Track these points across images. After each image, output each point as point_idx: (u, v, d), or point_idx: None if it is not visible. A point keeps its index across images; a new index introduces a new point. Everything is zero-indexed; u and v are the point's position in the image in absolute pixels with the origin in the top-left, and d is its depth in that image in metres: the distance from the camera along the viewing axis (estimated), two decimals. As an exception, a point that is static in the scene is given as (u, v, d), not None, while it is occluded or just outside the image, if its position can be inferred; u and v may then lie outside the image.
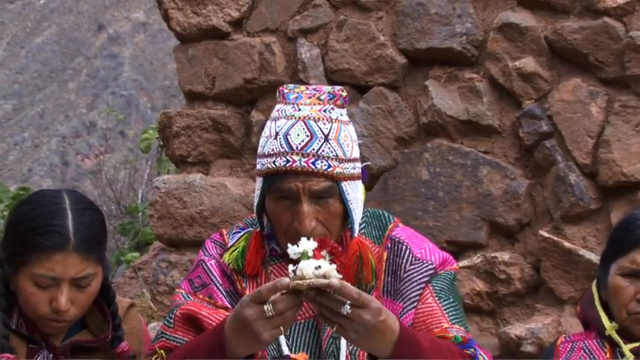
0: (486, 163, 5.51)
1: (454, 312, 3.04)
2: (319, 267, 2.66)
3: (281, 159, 2.93)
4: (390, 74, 5.69)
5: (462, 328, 3.04)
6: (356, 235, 3.01)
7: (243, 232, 3.10)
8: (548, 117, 5.40)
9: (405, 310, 3.02)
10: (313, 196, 2.93)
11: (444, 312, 3.02)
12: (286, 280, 2.68)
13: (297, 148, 2.92)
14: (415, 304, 3.03)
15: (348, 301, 2.66)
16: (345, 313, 2.65)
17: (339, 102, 3.03)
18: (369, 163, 4.91)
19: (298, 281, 2.65)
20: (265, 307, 2.67)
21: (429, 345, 2.86)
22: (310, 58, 5.79)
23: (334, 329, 2.74)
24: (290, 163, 2.91)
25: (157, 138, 8.54)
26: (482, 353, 3.03)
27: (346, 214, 2.99)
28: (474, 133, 5.57)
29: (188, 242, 5.95)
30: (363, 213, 3.08)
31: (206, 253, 3.14)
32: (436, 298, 3.03)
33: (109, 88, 44.68)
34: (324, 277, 2.65)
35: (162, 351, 2.98)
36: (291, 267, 2.70)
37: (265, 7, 5.93)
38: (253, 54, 5.90)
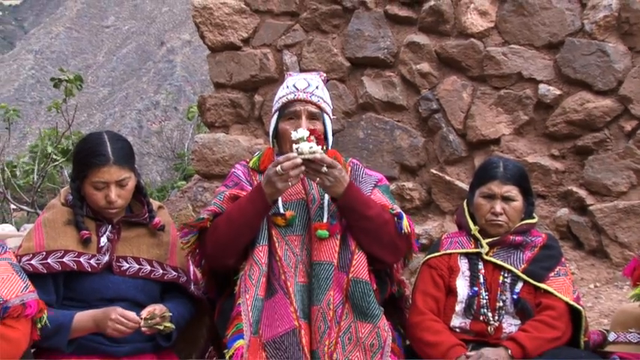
0: (399, 128, 5.47)
1: (392, 202, 3.09)
2: (312, 147, 2.78)
3: (291, 94, 3.03)
4: (340, 73, 5.63)
5: (398, 208, 3.08)
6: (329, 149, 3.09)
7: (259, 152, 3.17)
8: (436, 100, 5.36)
9: None
10: (309, 116, 3.00)
11: (388, 200, 3.06)
12: (293, 154, 2.79)
13: (300, 89, 3.03)
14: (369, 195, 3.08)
15: (326, 165, 2.79)
16: (323, 171, 2.79)
17: (322, 77, 3.16)
18: (335, 117, 4.89)
19: (300, 156, 2.78)
20: (278, 167, 2.78)
21: (366, 197, 2.95)
22: (291, 63, 5.73)
23: (317, 180, 2.84)
24: (296, 96, 3.01)
25: (197, 111, 8.46)
26: (406, 218, 3.02)
27: (324, 139, 3.04)
28: (391, 109, 5.52)
29: (215, 175, 5.93)
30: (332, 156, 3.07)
31: (235, 168, 3.18)
32: (381, 194, 3.07)
33: (167, 81, 44.48)
34: (314, 152, 2.78)
35: (210, 217, 2.98)
36: (295, 146, 2.80)
37: (263, 31, 5.87)
38: (256, 60, 5.85)
